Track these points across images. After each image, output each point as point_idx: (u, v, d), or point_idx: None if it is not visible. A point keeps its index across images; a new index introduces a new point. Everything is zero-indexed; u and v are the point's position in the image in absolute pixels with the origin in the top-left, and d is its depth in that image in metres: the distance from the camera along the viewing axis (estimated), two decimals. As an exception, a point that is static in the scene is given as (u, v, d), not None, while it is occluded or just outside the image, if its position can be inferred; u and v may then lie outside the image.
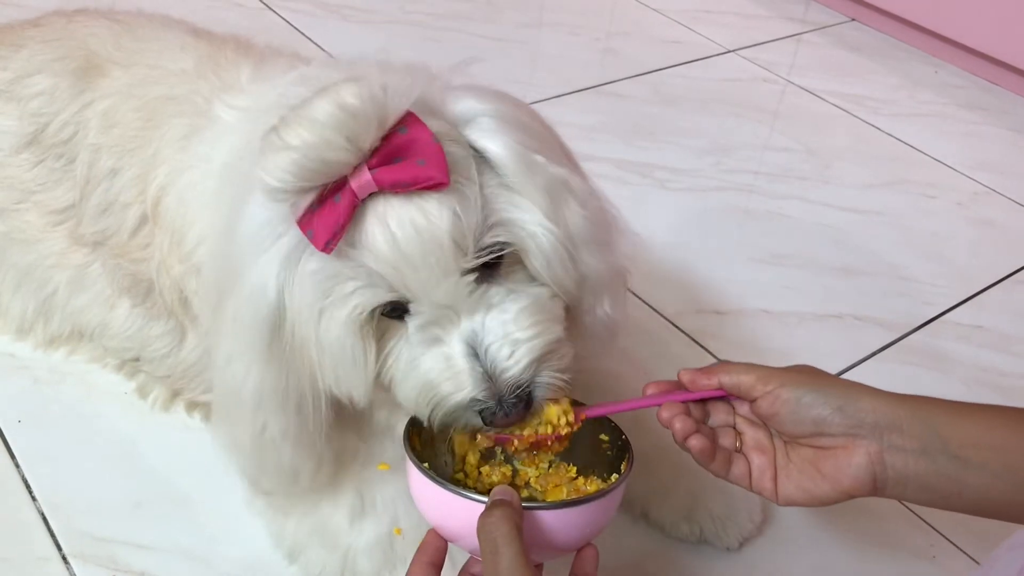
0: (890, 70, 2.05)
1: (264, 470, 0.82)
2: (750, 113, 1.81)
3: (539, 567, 0.72)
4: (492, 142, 0.71)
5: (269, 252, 0.69)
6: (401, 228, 0.66)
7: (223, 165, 0.85)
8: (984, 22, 1.96)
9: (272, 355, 0.73)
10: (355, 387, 0.72)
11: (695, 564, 0.96)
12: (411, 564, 0.71)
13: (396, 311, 0.71)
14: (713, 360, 1.22)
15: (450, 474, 0.79)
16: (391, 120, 0.65)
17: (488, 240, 0.70)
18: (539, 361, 0.72)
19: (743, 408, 0.78)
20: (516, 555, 0.63)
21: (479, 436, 0.78)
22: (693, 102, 1.82)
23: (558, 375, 0.73)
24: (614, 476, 0.77)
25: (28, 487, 0.96)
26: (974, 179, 1.69)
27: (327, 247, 0.66)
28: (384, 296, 0.69)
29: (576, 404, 0.77)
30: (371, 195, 0.66)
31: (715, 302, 1.33)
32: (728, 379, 0.76)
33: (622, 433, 0.78)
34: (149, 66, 0.99)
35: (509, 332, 0.71)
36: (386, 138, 0.65)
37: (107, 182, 0.97)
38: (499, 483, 0.78)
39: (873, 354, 1.27)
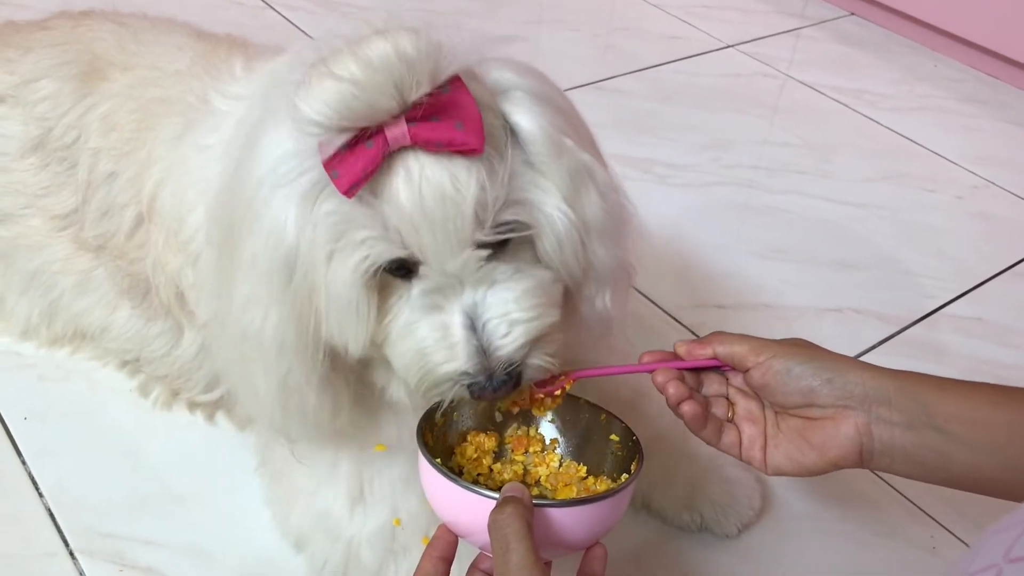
0: (889, 64, 2.05)
1: (289, 416, 0.79)
2: (750, 108, 1.82)
3: (548, 564, 0.73)
4: (525, 118, 0.70)
5: (289, 188, 0.68)
6: (428, 187, 0.65)
7: (227, 141, 0.84)
8: (983, 16, 1.97)
9: (290, 297, 0.71)
10: (354, 338, 0.71)
11: (696, 552, 0.97)
12: (422, 558, 0.71)
13: (400, 270, 0.70)
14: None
15: (462, 470, 0.79)
16: (441, 77, 0.64)
17: (507, 216, 0.69)
18: (533, 343, 0.71)
19: (736, 379, 0.79)
20: (527, 552, 0.63)
21: (489, 433, 0.79)
22: (693, 97, 1.82)
23: (548, 359, 0.73)
24: (623, 476, 0.77)
25: (34, 483, 0.97)
26: (973, 172, 1.70)
27: (350, 191, 0.65)
28: (395, 252, 0.68)
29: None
30: (401, 148, 0.65)
31: (715, 296, 1.34)
32: (722, 349, 0.77)
33: (633, 434, 0.79)
34: (147, 68, 0.99)
35: (509, 311, 0.70)
36: (431, 94, 0.64)
37: (106, 186, 0.98)
38: (510, 480, 0.79)
39: (873, 347, 1.28)
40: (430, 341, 0.71)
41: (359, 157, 0.64)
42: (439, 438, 0.78)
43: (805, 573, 0.97)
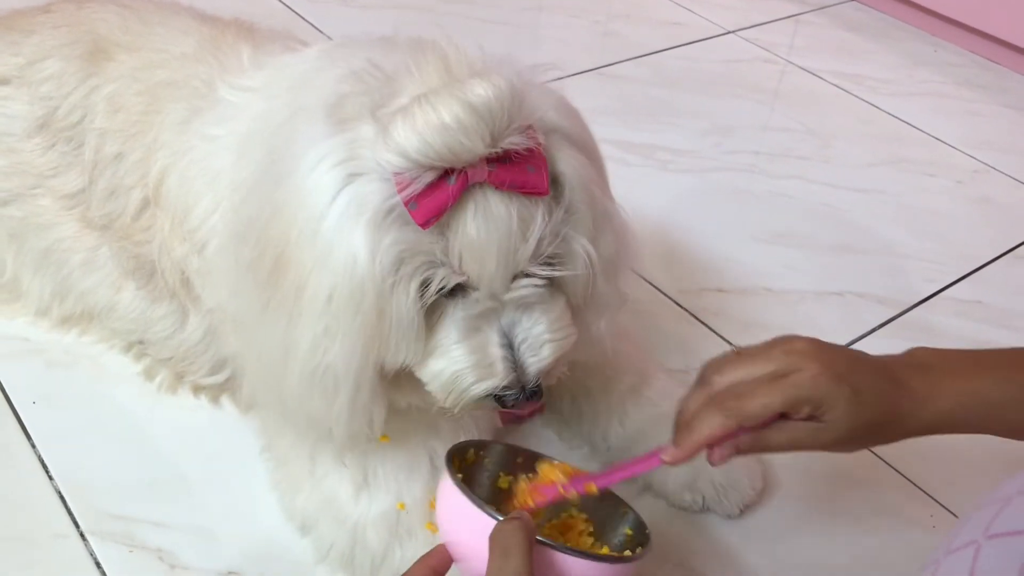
0: (889, 49, 2.05)
1: (339, 417, 0.79)
2: (750, 94, 1.82)
3: None
4: (568, 166, 0.74)
5: (356, 218, 0.69)
6: (494, 222, 0.69)
7: (243, 137, 0.85)
8: (983, 1, 1.97)
9: (356, 326, 0.72)
10: (411, 356, 0.75)
11: (698, 532, 0.98)
12: (415, 564, 0.72)
13: (452, 291, 0.74)
14: (714, 336, 1.23)
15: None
16: (526, 124, 0.69)
17: (553, 251, 0.74)
18: (556, 361, 0.78)
19: None
20: (525, 563, 0.64)
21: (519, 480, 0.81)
22: (694, 83, 1.83)
23: (563, 370, 0.81)
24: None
25: (45, 466, 0.98)
26: (973, 157, 1.70)
27: (427, 223, 0.68)
28: (456, 278, 0.72)
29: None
30: (479, 184, 0.69)
31: (717, 281, 1.34)
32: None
33: (646, 527, 0.80)
34: (153, 50, 1.00)
35: (541, 332, 0.76)
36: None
37: (113, 167, 0.98)
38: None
39: (873, 330, 1.28)
40: (466, 363, 0.75)
41: (440, 193, 0.68)
42: (465, 472, 0.80)
43: (806, 553, 0.98)
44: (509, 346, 0.75)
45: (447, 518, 0.74)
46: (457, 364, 0.75)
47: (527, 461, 0.84)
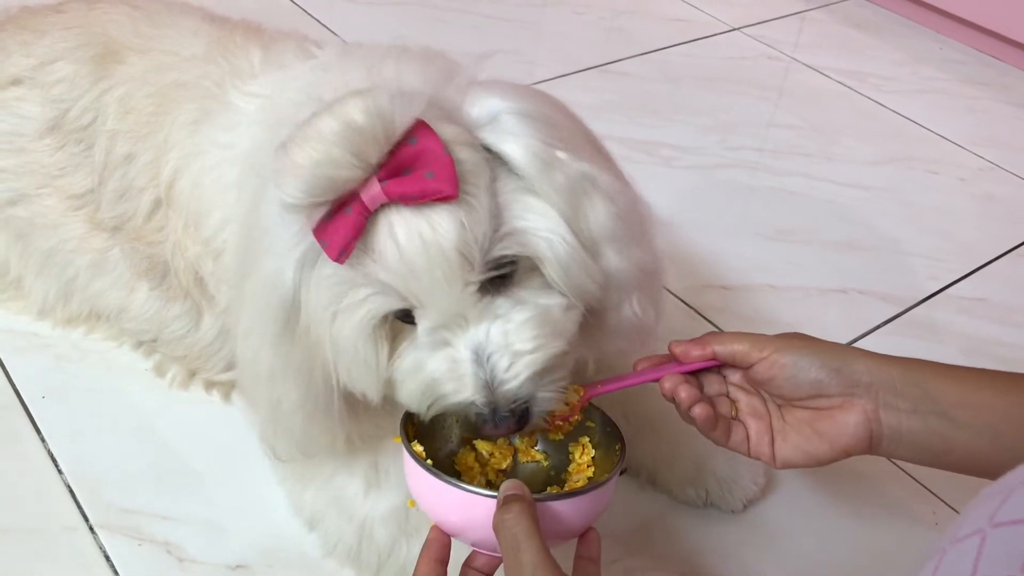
0: (893, 47, 2.05)
1: (278, 437, 0.84)
2: (754, 91, 1.82)
3: None
4: (510, 144, 0.70)
5: (286, 252, 0.71)
6: (408, 240, 0.67)
7: (246, 153, 0.86)
8: (987, -2, 1.97)
9: (285, 340, 0.75)
10: (367, 386, 0.74)
11: (701, 527, 0.99)
12: (418, 561, 0.73)
13: (408, 316, 0.72)
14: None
15: (452, 463, 0.81)
16: (398, 134, 0.66)
17: (498, 252, 0.70)
18: (539, 375, 0.72)
19: (735, 376, 0.80)
20: (538, 550, 0.64)
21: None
22: (698, 80, 1.83)
23: (558, 391, 0.74)
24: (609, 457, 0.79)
25: (54, 460, 0.98)
26: (977, 154, 1.70)
27: (340, 257, 0.67)
28: (394, 304, 0.70)
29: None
30: (384, 205, 0.66)
31: (721, 277, 1.35)
32: (721, 348, 0.78)
33: (610, 419, 0.80)
34: (163, 52, 1.00)
35: (511, 343, 0.71)
36: (394, 150, 0.66)
37: (123, 168, 0.99)
38: (507, 467, 0.81)
39: (876, 328, 1.29)
40: (439, 374, 0.72)
41: (342, 224, 0.66)
42: (420, 436, 0.79)
43: (809, 549, 0.98)
44: (479, 362, 0.71)
45: (424, 499, 0.74)
46: (431, 375, 0.72)
47: None
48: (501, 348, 0.71)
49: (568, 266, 0.71)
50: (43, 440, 1.00)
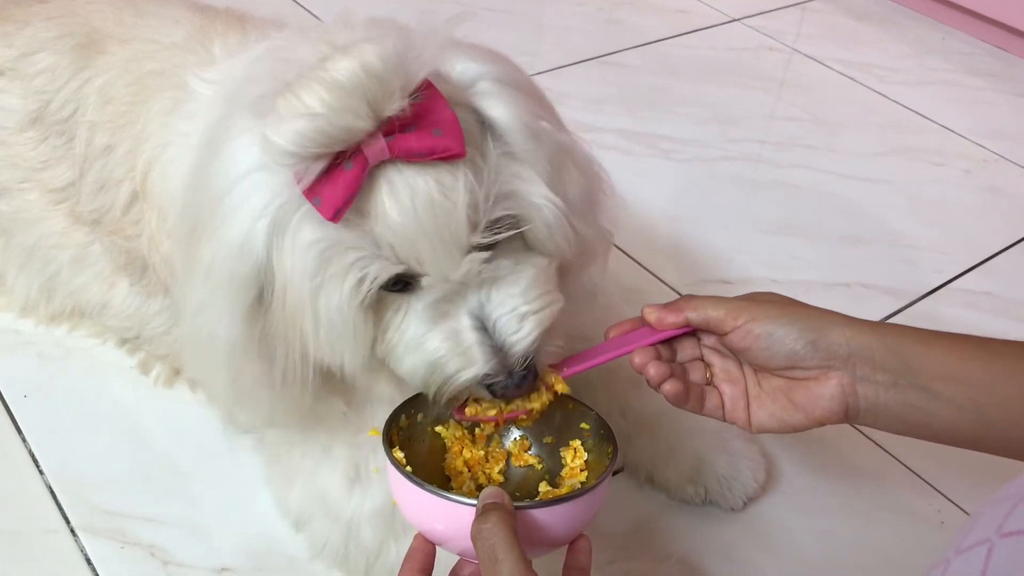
0: (896, 37, 2.03)
1: (239, 408, 0.82)
2: (755, 82, 1.80)
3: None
4: (499, 109, 0.69)
5: (255, 214, 0.67)
6: (415, 199, 0.64)
7: (200, 136, 0.82)
8: (992, -13, 1.95)
9: (251, 313, 0.71)
10: (350, 359, 0.71)
11: (701, 526, 0.97)
12: (401, 570, 0.70)
13: (397, 284, 0.69)
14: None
15: (442, 468, 0.78)
16: (413, 85, 0.63)
17: (498, 213, 0.68)
18: (545, 333, 0.71)
19: (709, 339, 0.78)
20: (516, 561, 0.61)
21: (456, 425, 0.78)
22: (698, 72, 1.81)
23: (558, 343, 0.73)
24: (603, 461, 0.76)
25: (35, 461, 0.96)
26: (982, 146, 1.68)
27: (336, 216, 0.63)
28: (392, 269, 0.67)
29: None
30: (381, 162, 0.63)
31: (722, 272, 1.32)
32: (695, 315, 0.75)
33: (603, 420, 0.78)
34: (145, 41, 0.98)
35: (517, 306, 0.70)
36: (404, 105, 0.63)
37: (102, 159, 0.96)
38: (499, 472, 0.78)
39: (881, 321, 1.26)
40: (443, 351, 0.70)
41: (340, 180, 0.63)
42: (405, 441, 0.76)
43: (810, 547, 0.96)
44: (483, 329, 0.69)
45: (407, 507, 0.71)
46: (435, 353, 0.70)
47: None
48: (508, 312, 0.70)
49: (554, 230, 0.71)
50: (24, 440, 0.98)
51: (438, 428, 0.79)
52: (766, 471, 1.00)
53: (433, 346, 0.70)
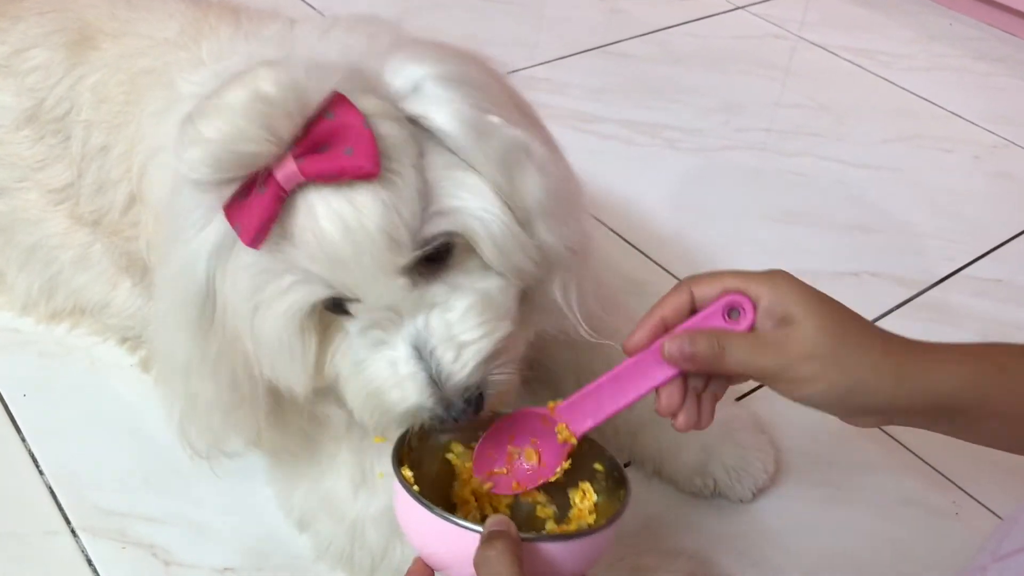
0: (903, 23, 2.01)
1: (197, 432, 0.81)
2: (760, 70, 1.78)
3: None
4: (436, 113, 0.66)
5: (197, 238, 0.66)
6: (330, 222, 0.62)
7: None
8: (999, -29, 1.93)
9: (200, 332, 0.70)
10: (294, 381, 0.70)
11: (710, 518, 0.95)
12: None
13: (338, 306, 0.68)
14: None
15: (449, 495, 0.76)
16: (313, 107, 0.61)
17: (429, 231, 0.65)
18: (487, 362, 0.69)
19: None
20: None
21: (467, 453, 0.76)
22: (702, 60, 1.79)
23: (508, 373, 0.70)
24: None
25: (35, 461, 0.95)
26: (991, 132, 1.66)
27: (255, 241, 0.62)
28: (320, 293, 0.65)
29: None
30: (302, 185, 0.62)
31: (728, 262, 1.31)
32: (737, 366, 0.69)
33: (617, 462, 0.76)
34: (137, 36, 0.96)
35: (455, 334, 0.67)
36: (310, 125, 0.61)
37: (99, 159, 0.95)
38: (507, 507, 0.76)
39: (890, 311, 1.25)
40: (379, 380, 0.69)
41: (255, 205, 0.62)
42: (415, 462, 0.73)
43: (822, 540, 0.95)
44: (420, 358, 0.67)
45: (413, 531, 0.69)
46: (372, 382, 0.69)
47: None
48: (444, 340, 0.67)
49: (504, 245, 0.68)
50: (23, 440, 0.97)
51: (448, 455, 0.77)
52: (776, 462, 0.99)
53: (371, 373, 0.69)
